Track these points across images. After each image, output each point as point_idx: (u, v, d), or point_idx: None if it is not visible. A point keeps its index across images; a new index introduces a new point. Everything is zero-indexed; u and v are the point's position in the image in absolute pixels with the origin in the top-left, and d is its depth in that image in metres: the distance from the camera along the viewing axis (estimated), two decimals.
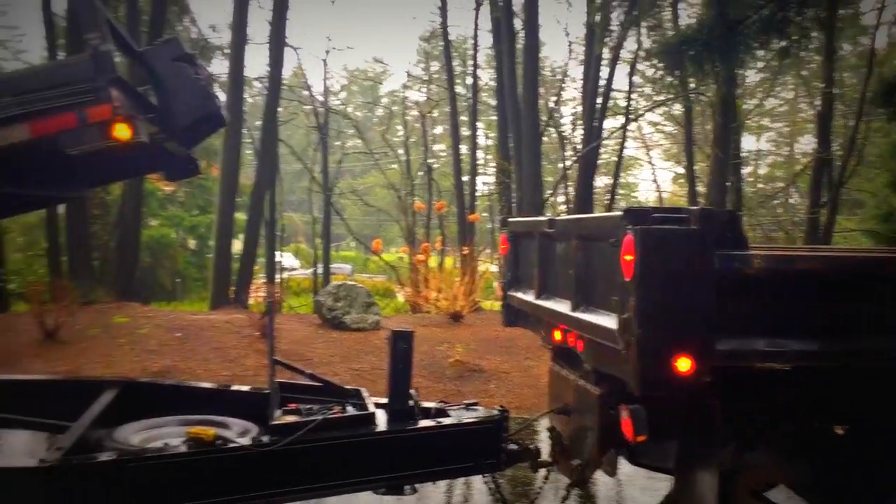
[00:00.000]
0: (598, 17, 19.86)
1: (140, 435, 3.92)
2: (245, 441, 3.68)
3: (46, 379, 5.53)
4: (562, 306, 4.08)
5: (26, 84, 3.14)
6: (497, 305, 19.12)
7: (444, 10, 24.77)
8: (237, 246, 20.79)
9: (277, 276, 25.33)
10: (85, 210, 16.10)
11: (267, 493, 3.65)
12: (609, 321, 3.38)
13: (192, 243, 29.38)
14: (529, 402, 8.87)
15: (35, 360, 9.68)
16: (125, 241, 17.40)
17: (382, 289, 23.62)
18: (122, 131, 3.12)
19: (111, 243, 17.98)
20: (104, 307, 13.10)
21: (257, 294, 18.96)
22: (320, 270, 27.59)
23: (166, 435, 3.91)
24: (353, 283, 14.31)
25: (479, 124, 27.01)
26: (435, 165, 27.38)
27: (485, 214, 27.31)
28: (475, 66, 25.81)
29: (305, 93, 28.98)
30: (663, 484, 5.39)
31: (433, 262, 17.54)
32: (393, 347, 4.00)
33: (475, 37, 24.92)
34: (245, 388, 4.74)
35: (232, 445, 3.56)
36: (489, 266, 22.41)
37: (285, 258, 31.22)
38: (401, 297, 22.14)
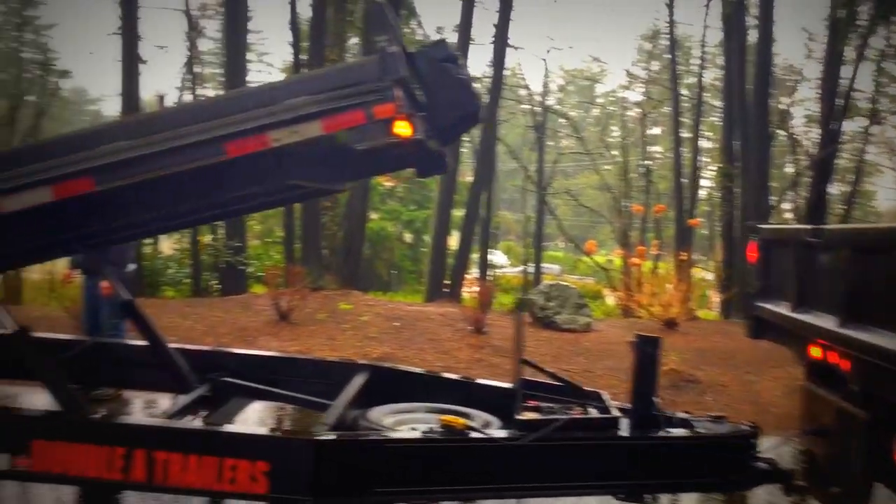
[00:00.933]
0: (841, 13, 18.48)
1: (391, 417, 4.08)
2: (494, 434, 3.74)
3: (302, 358, 5.93)
4: (825, 321, 3.79)
5: (321, 84, 3.39)
6: (713, 315, 18.41)
7: (671, 6, 24.11)
8: (452, 242, 21.39)
9: (489, 274, 25.78)
10: (317, 203, 17.20)
11: (510, 487, 3.68)
12: (891, 342, 3.11)
13: (408, 237, 30.56)
14: (749, 418, 8.36)
15: (270, 338, 10.43)
16: (351, 233, 18.44)
17: (591, 291, 23.33)
18: (402, 128, 3.29)
19: (339, 234, 19.10)
20: (331, 294, 13.84)
21: (470, 289, 19.40)
22: (529, 269, 27.75)
23: (415, 420, 4.05)
24: (564, 283, 14.26)
25: (701, 126, 25.96)
26: (652, 167, 26.63)
27: (702, 220, 26.20)
28: (702, 64, 24.83)
29: (522, 92, 29.26)
30: None
31: (647, 266, 17.16)
32: (639, 352, 3.88)
33: (703, 34, 24.02)
34: (484, 381, 4.84)
35: (483, 436, 3.62)
36: (705, 274, 21.56)
37: (496, 256, 31.70)
38: (610, 301, 21.80)
